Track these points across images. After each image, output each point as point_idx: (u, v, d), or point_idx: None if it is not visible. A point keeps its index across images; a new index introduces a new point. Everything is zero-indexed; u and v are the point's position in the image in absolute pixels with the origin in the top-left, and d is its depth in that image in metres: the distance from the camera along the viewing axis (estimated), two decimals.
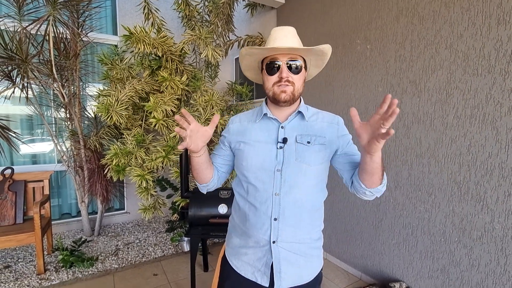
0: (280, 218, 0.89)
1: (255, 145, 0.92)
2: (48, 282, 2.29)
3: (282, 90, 0.88)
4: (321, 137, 0.92)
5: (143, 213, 2.67)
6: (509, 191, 1.48)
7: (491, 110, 1.54)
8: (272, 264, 0.90)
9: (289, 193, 0.89)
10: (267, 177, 0.89)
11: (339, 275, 2.43)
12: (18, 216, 2.59)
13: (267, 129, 0.94)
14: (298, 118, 0.95)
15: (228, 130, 1.01)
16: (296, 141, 0.90)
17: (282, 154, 0.89)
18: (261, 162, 0.90)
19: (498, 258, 1.54)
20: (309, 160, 0.90)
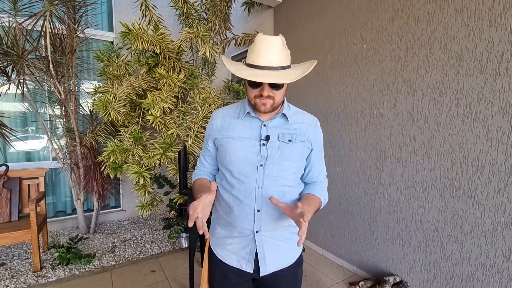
0: (263, 210, 0.94)
1: (239, 141, 0.96)
2: (45, 280, 2.28)
3: (263, 104, 0.91)
4: (301, 135, 0.98)
5: (141, 210, 2.67)
6: (499, 187, 1.55)
7: (482, 109, 1.60)
8: (256, 252, 0.96)
9: (271, 187, 0.94)
10: (250, 172, 0.93)
11: (334, 270, 2.48)
12: (13, 214, 2.56)
13: (250, 126, 0.97)
14: (280, 117, 0.99)
15: (212, 127, 1.04)
16: (278, 139, 0.95)
17: (266, 151, 0.94)
18: (245, 157, 0.93)
19: (488, 251, 1.60)
20: (291, 157, 0.96)
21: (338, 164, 2.54)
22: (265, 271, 0.97)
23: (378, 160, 2.19)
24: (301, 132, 0.99)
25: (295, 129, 0.99)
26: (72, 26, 2.50)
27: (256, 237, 0.95)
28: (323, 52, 2.63)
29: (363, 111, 2.29)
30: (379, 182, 2.19)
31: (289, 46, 3.11)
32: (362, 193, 2.33)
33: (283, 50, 0.90)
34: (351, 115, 2.39)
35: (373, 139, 2.22)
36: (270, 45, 0.87)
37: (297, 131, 0.98)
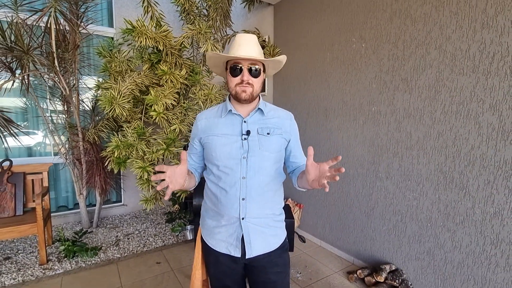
0: (247, 198, 1.03)
1: (222, 138, 1.05)
2: (52, 272, 2.33)
3: (243, 90, 1.01)
4: (278, 128, 1.09)
5: (145, 204, 2.73)
6: (488, 179, 1.65)
7: (474, 107, 1.70)
8: (242, 237, 1.05)
9: (254, 177, 1.03)
10: (235, 164, 1.02)
11: (333, 260, 2.59)
12: (18, 208, 2.60)
13: (231, 123, 1.07)
14: (258, 114, 1.09)
15: (197, 128, 1.13)
16: (258, 133, 1.05)
17: (247, 144, 1.03)
18: (229, 152, 1.03)
19: (478, 239, 1.72)
20: (270, 148, 1.06)
21: None
22: (251, 254, 1.06)
23: (375, 155, 2.29)
24: (277, 125, 1.09)
25: (272, 123, 1.09)
26: (75, 22, 2.51)
27: (242, 223, 1.04)
28: (322, 50, 2.70)
29: (362, 108, 2.38)
30: (376, 176, 2.29)
31: (289, 43, 3.19)
32: (360, 187, 2.44)
33: (259, 46, 1.05)
34: (350, 112, 2.48)
35: (371, 135, 2.31)
36: (248, 41, 1.02)
37: (274, 125, 1.09)
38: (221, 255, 1.08)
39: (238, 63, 1.01)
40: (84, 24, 2.68)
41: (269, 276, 1.08)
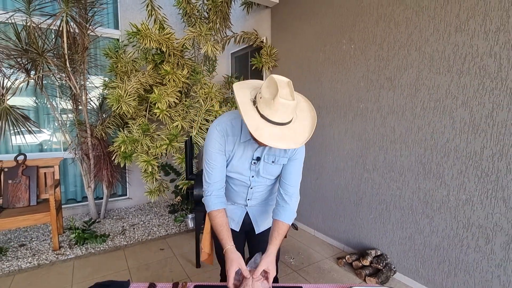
0: (252, 198, 1.28)
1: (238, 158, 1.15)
2: (64, 257, 2.53)
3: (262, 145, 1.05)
4: (282, 157, 1.17)
5: (149, 195, 2.92)
6: (461, 169, 1.82)
7: (449, 103, 1.86)
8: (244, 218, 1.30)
9: (258, 187, 1.25)
10: (245, 178, 1.20)
11: (325, 248, 2.77)
12: (32, 199, 2.80)
13: (246, 148, 1.14)
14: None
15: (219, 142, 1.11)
16: (264, 160, 1.15)
17: (255, 168, 1.17)
18: (241, 171, 1.18)
19: (452, 224, 1.89)
20: (272, 173, 1.20)
21: (329, 153, 2.81)
22: (259, 230, 1.34)
23: (363, 148, 2.46)
24: (283, 154, 1.16)
25: (280, 152, 1.15)
26: (84, 25, 2.70)
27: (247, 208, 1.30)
28: (315, 51, 2.87)
29: (351, 105, 2.55)
30: (364, 168, 2.47)
31: (285, 44, 3.37)
32: (349, 178, 2.61)
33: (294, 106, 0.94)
34: (340, 109, 2.65)
35: (359, 130, 2.48)
36: (287, 108, 0.92)
37: (279, 153, 1.15)
38: None
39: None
40: (92, 27, 2.87)
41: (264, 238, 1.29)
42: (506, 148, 1.62)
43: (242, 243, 1.39)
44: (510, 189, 1.62)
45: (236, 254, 1.06)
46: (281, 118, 0.93)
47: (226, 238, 1.09)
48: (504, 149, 1.63)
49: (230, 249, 1.07)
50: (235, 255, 1.05)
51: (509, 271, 1.65)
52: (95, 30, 2.95)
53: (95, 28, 2.86)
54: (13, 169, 2.76)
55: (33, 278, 2.20)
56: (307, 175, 3.07)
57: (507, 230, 1.64)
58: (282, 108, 0.91)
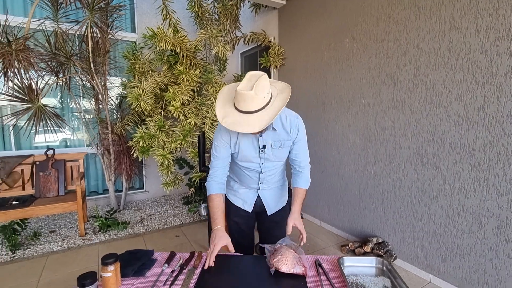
0: (264, 182, 1.41)
1: (245, 147, 1.29)
2: (90, 242, 2.79)
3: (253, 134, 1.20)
4: (288, 140, 1.31)
5: (165, 187, 3.15)
6: (456, 159, 1.93)
7: (444, 97, 1.97)
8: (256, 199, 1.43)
9: (268, 172, 1.38)
10: (255, 166, 1.35)
11: (330, 237, 2.92)
12: (60, 189, 3.07)
13: (251, 138, 1.27)
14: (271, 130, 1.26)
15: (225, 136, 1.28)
16: (271, 147, 1.28)
17: (264, 155, 1.30)
18: (251, 159, 1.33)
19: (447, 211, 2.00)
20: (281, 157, 1.35)
21: (333, 147, 2.95)
22: (271, 212, 1.46)
23: (365, 142, 2.59)
24: (287, 137, 1.29)
25: (283, 135, 1.28)
26: (105, 30, 2.94)
27: (259, 192, 1.42)
28: (320, 50, 3.01)
29: (354, 101, 2.68)
30: (366, 161, 2.60)
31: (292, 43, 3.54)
32: (352, 171, 2.74)
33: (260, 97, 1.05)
34: (344, 104, 2.79)
35: (362, 124, 2.61)
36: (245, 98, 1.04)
37: (285, 137, 1.28)
38: (237, 208, 1.47)
39: None
40: (113, 31, 3.11)
41: (275, 219, 1.48)
42: (496, 138, 1.73)
43: (252, 224, 1.53)
44: (500, 177, 1.73)
45: (225, 234, 1.20)
46: (245, 107, 1.05)
47: (220, 219, 1.24)
48: (494, 139, 1.74)
49: (220, 229, 1.22)
50: (224, 234, 1.20)
51: (501, 254, 1.75)
52: (115, 34, 3.20)
53: (116, 33, 3.09)
54: (43, 163, 3.05)
55: (64, 259, 2.45)
56: (313, 168, 3.19)
57: (498, 215, 1.75)
58: (240, 98, 1.04)
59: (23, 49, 1.99)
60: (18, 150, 3.39)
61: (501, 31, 1.68)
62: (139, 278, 1.09)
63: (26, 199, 2.86)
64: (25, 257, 2.48)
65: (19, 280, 2.13)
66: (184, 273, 1.12)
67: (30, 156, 3.01)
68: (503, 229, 1.73)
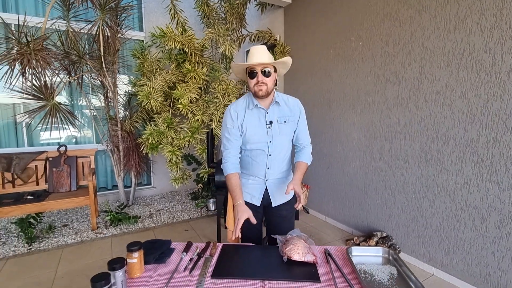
0: (271, 167, 1.45)
1: (253, 128, 1.42)
2: (102, 235, 2.88)
3: (260, 89, 1.33)
4: (291, 116, 1.43)
5: (174, 182, 3.23)
6: (459, 155, 1.99)
7: (448, 95, 2.02)
8: (264, 192, 1.47)
9: (276, 153, 1.44)
10: (263, 145, 1.42)
11: (335, 231, 2.99)
12: (73, 185, 3.17)
13: (258, 115, 1.40)
14: (276, 106, 1.41)
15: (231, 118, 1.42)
16: (277, 122, 1.40)
17: (271, 131, 1.40)
18: (258, 138, 1.41)
19: (451, 206, 2.06)
20: (287, 132, 1.44)
21: (338, 144, 3.01)
22: (276, 203, 1.50)
23: (370, 139, 2.65)
24: (290, 113, 1.43)
25: (287, 112, 1.42)
26: (115, 29, 3.01)
27: (266, 183, 1.47)
28: (326, 48, 3.06)
29: (359, 98, 2.73)
30: (371, 157, 2.65)
31: (297, 41, 3.59)
32: (357, 167, 2.80)
33: (268, 53, 1.36)
34: (349, 102, 2.84)
35: (367, 122, 2.67)
36: (259, 50, 1.33)
37: (288, 113, 1.42)
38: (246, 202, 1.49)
39: (254, 69, 1.31)
40: (122, 31, 3.18)
41: (281, 213, 1.53)
42: (499, 135, 1.78)
43: (260, 218, 1.58)
44: (503, 172, 1.78)
45: (246, 208, 1.30)
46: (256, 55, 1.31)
47: (239, 194, 1.34)
48: (497, 136, 1.79)
49: (241, 203, 1.31)
50: (245, 207, 1.30)
51: (502, 247, 1.81)
52: (124, 34, 3.27)
53: (125, 32, 3.16)
54: (56, 159, 3.14)
55: (79, 251, 2.55)
56: (318, 165, 3.29)
57: (500, 210, 1.81)
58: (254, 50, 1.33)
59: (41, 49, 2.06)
60: (30, 146, 3.49)
61: (505, 30, 1.72)
62: (160, 265, 1.17)
63: (40, 194, 2.95)
64: (41, 249, 2.57)
65: (37, 270, 2.23)
66: (201, 261, 1.20)
67: (43, 152, 3.10)
68: (504, 223, 1.79)
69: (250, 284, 1.03)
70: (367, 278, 1.08)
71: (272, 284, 1.03)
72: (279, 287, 1.02)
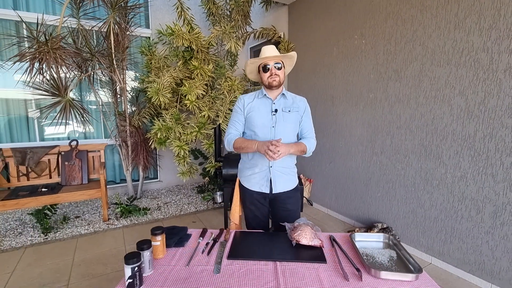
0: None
1: (259, 113, 1.55)
2: (113, 226, 3.01)
3: (273, 80, 1.50)
4: (295, 108, 1.57)
5: (182, 176, 3.34)
6: (457, 150, 2.09)
7: (447, 92, 2.11)
8: (270, 181, 1.55)
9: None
10: (267, 130, 1.53)
11: (337, 223, 3.10)
12: (84, 178, 3.28)
13: (265, 103, 1.56)
14: (283, 98, 1.57)
15: (242, 104, 1.58)
16: (282, 111, 1.54)
17: (275, 118, 1.53)
18: (263, 122, 1.53)
19: (448, 198, 2.17)
20: (290, 120, 1.55)
21: (341, 139, 3.10)
22: (276, 190, 1.56)
23: (372, 134, 2.74)
24: (295, 106, 1.57)
25: (292, 104, 1.57)
26: (125, 27, 3.09)
27: (271, 170, 1.54)
28: (329, 45, 3.14)
29: (362, 95, 2.82)
30: (373, 152, 2.75)
31: (301, 39, 3.69)
32: (359, 161, 2.90)
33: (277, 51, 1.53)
34: (352, 98, 2.93)
35: (369, 118, 2.76)
36: (270, 48, 1.51)
37: (293, 105, 1.56)
38: (255, 193, 1.60)
39: (267, 64, 1.50)
40: (131, 29, 3.26)
41: (287, 206, 1.61)
42: (495, 131, 1.88)
43: (267, 211, 1.65)
44: (498, 166, 1.88)
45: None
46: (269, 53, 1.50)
47: (252, 142, 1.45)
48: (493, 131, 1.89)
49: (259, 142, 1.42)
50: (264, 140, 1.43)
51: (496, 237, 1.92)
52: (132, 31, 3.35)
53: (134, 30, 3.24)
54: (68, 153, 3.25)
55: (93, 241, 2.67)
56: (321, 159, 3.39)
57: (494, 201, 1.91)
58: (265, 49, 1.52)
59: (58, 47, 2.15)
60: (42, 141, 3.60)
61: (502, 30, 1.81)
62: (180, 248, 1.28)
63: (54, 187, 3.07)
64: (56, 239, 2.70)
65: (55, 258, 2.35)
66: (217, 245, 1.31)
67: (55, 147, 3.22)
68: (499, 214, 1.89)
69: (263, 265, 1.14)
70: (369, 260, 1.19)
71: (283, 265, 1.14)
72: (289, 267, 1.13)
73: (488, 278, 1.97)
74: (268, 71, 1.51)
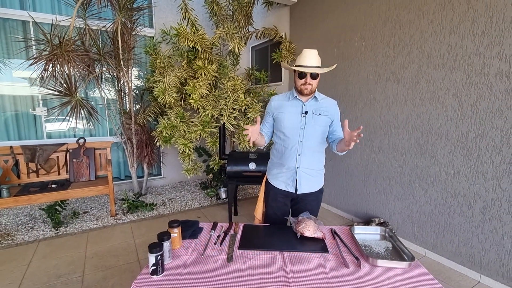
0: (302, 154, 1.61)
1: (288, 114, 1.60)
2: (121, 221, 3.12)
3: (305, 88, 1.51)
4: (326, 111, 1.58)
5: (186, 173, 3.45)
6: (451, 149, 2.21)
7: (442, 94, 2.23)
8: (296, 181, 1.64)
9: (307, 141, 1.60)
10: (296, 132, 1.59)
11: (336, 218, 3.23)
12: (91, 174, 3.39)
13: (295, 105, 1.59)
14: (314, 100, 1.58)
15: (271, 106, 1.65)
16: (312, 113, 1.56)
17: (305, 120, 1.58)
18: (292, 124, 1.59)
19: (442, 194, 2.29)
20: (320, 123, 1.58)
21: None
22: (301, 191, 1.62)
23: (371, 133, 2.86)
24: (326, 109, 1.57)
25: (323, 107, 1.57)
26: (131, 27, 3.18)
27: (297, 171, 1.59)
28: (330, 46, 3.24)
29: (361, 96, 2.93)
30: (371, 150, 2.87)
31: (302, 39, 3.78)
32: (358, 159, 3.02)
33: (318, 58, 1.53)
34: (352, 99, 3.04)
35: (368, 117, 2.87)
36: (310, 55, 1.50)
37: (323, 109, 1.56)
38: (280, 191, 1.66)
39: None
40: (137, 29, 3.34)
41: (307, 206, 1.67)
42: (486, 131, 2.00)
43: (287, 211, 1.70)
44: (488, 164, 2.00)
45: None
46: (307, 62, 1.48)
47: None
48: (484, 132, 2.00)
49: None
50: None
51: (485, 230, 2.05)
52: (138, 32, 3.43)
53: (140, 30, 3.32)
54: (76, 150, 3.35)
55: (103, 235, 2.79)
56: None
57: (484, 197, 2.04)
58: (305, 53, 1.49)
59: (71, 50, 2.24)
60: (49, 138, 3.69)
61: (494, 37, 1.92)
62: (194, 240, 1.39)
63: (63, 183, 3.17)
64: (67, 233, 2.81)
65: (69, 251, 2.47)
66: (228, 237, 1.43)
67: (64, 144, 3.31)
68: (488, 209, 2.02)
69: (271, 254, 1.26)
70: (367, 250, 1.31)
71: (289, 255, 1.26)
72: (295, 256, 1.25)
73: (478, 269, 2.11)
74: (303, 78, 1.50)
